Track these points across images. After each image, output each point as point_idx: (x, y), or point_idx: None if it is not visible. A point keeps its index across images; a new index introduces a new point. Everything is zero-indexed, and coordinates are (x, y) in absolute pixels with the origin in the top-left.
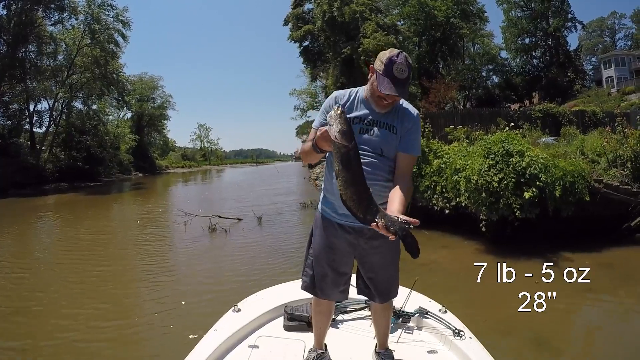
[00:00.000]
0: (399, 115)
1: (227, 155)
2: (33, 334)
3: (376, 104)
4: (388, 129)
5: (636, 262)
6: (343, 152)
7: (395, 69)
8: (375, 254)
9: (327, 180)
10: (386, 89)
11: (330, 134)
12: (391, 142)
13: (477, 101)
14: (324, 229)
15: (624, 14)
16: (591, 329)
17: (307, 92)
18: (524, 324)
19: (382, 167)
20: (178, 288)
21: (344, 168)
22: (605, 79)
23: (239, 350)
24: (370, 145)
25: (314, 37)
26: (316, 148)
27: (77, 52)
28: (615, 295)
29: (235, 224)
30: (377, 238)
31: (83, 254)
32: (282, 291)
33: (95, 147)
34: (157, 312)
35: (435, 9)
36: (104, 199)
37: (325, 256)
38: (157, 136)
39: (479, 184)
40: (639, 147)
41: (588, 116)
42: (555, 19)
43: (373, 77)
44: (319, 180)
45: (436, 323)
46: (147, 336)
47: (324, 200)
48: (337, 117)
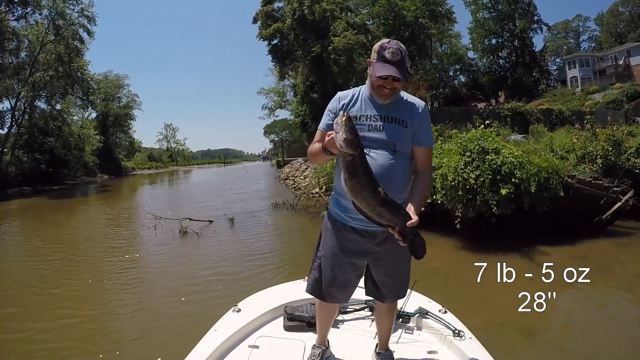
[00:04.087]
0: (406, 108)
1: (194, 156)
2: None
3: (378, 95)
4: (398, 124)
5: (610, 253)
6: (349, 161)
7: (387, 53)
8: (390, 257)
9: (337, 183)
10: (381, 71)
11: (336, 142)
12: (403, 136)
13: (444, 100)
14: (335, 231)
15: (588, 16)
16: (580, 323)
17: (276, 91)
18: (520, 322)
19: (397, 167)
20: (154, 300)
21: (350, 176)
22: (569, 78)
23: (239, 351)
24: (382, 142)
25: (284, 36)
26: (326, 151)
27: (40, 49)
28: (595, 287)
29: (206, 227)
30: (391, 241)
31: (48, 265)
32: (282, 291)
33: (60, 148)
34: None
35: (404, 9)
36: (69, 202)
37: (335, 260)
38: (122, 137)
39: (456, 182)
40: (609, 145)
41: (555, 114)
42: (522, 21)
43: (370, 69)
44: (289, 180)
45: (436, 323)
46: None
47: (334, 203)
48: (342, 124)
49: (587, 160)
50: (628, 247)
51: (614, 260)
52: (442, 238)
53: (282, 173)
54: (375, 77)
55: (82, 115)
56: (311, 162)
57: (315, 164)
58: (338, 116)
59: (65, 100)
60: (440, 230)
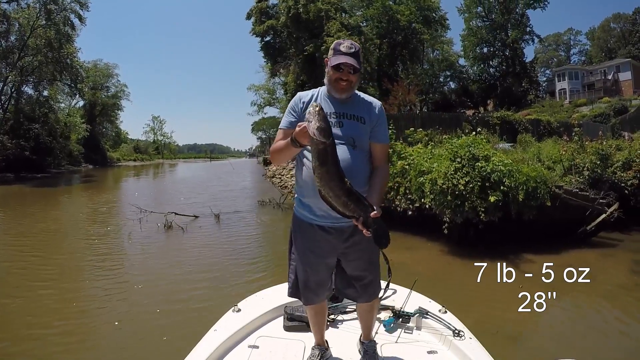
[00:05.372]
0: (364, 106)
1: (180, 150)
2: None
3: (335, 89)
4: (356, 120)
5: (594, 263)
6: (321, 149)
7: (342, 47)
8: (358, 251)
9: (300, 184)
10: (337, 61)
11: (309, 130)
12: (361, 132)
13: (433, 105)
14: (303, 232)
15: (579, 30)
16: (566, 332)
17: (266, 88)
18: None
19: (358, 162)
20: (139, 297)
21: (321, 164)
22: (558, 90)
23: (239, 351)
24: (342, 137)
25: (277, 33)
26: (295, 143)
27: (30, 33)
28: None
29: (192, 222)
30: (359, 236)
31: (28, 259)
32: (282, 291)
33: (45, 136)
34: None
35: (398, 13)
36: (53, 191)
37: (307, 260)
38: (109, 127)
39: (445, 187)
40: (596, 158)
41: (543, 125)
42: (514, 31)
43: (327, 66)
44: (276, 177)
45: (436, 323)
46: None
47: (299, 204)
48: (315, 114)
49: (574, 171)
50: (612, 257)
51: (599, 270)
52: (428, 242)
53: (268, 171)
54: (332, 70)
55: (70, 103)
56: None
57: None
58: (310, 107)
59: (53, 87)
60: (427, 234)
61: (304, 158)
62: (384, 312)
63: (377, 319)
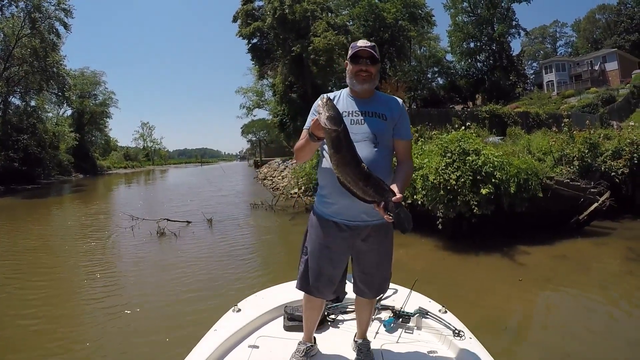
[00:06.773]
0: (385, 103)
1: (170, 155)
2: None
3: (357, 81)
4: (378, 117)
5: (587, 252)
6: (333, 137)
7: (358, 43)
8: (371, 251)
9: (321, 179)
10: (357, 48)
11: (320, 121)
12: (383, 128)
13: (422, 102)
14: (320, 228)
15: (565, 22)
16: (561, 321)
17: (254, 91)
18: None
19: (380, 158)
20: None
21: (335, 151)
22: (546, 82)
23: (239, 351)
24: (364, 133)
25: (263, 35)
26: (313, 137)
27: (15, 43)
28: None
29: (184, 228)
30: (373, 236)
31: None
32: (282, 291)
33: (34, 146)
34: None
35: (384, 10)
36: (44, 202)
37: (321, 255)
38: (98, 135)
39: (437, 182)
40: (585, 147)
41: (532, 117)
42: (500, 25)
43: (348, 65)
44: (267, 180)
45: (436, 323)
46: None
47: (319, 202)
48: (324, 105)
49: (564, 162)
50: (605, 246)
51: (592, 258)
52: (422, 239)
53: (259, 173)
54: (351, 64)
55: (57, 112)
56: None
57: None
58: (319, 100)
59: (40, 97)
60: (420, 231)
61: (323, 153)
62: (384, 312)
63: (378, 319)
